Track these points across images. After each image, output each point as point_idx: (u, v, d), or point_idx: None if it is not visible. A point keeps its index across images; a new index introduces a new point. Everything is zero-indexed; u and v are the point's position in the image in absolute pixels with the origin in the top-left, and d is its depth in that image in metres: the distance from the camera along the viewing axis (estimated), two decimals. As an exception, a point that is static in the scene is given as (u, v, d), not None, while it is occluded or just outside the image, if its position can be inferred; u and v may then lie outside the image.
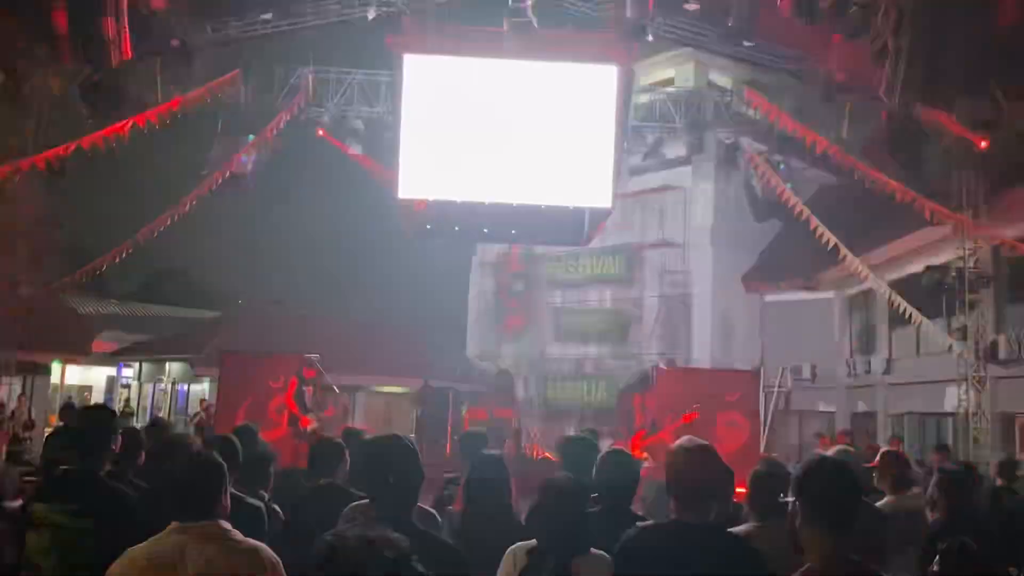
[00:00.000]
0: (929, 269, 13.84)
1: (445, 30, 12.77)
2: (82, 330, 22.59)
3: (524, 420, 13.91)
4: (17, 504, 4.25)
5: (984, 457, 12.45)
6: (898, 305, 13.87)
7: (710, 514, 3.01)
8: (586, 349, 24.09)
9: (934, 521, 4.55)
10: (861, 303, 19.04)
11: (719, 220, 21.66)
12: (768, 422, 16.53)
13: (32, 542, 3.49)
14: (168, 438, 4.81)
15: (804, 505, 2.63)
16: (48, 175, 12.36)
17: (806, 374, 19.45)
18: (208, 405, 17.37)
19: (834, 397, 19.36)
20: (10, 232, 13.69)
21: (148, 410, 26.30)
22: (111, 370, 27.99)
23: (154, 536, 2.82)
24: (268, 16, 12.78)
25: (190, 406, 24.62)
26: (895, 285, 14.61)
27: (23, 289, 14.13)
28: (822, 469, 2.72)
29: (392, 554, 2.08)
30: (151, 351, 26.36)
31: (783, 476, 3.44)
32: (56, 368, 22.56)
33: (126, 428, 4.44)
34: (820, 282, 19.14)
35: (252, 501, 3.86)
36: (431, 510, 3.95)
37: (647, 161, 14.93)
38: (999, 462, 8.00)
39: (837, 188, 16.09)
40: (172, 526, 2.83)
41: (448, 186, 13.07)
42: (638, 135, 14.81)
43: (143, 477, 4.15)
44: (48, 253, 14.71)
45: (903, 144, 12.84)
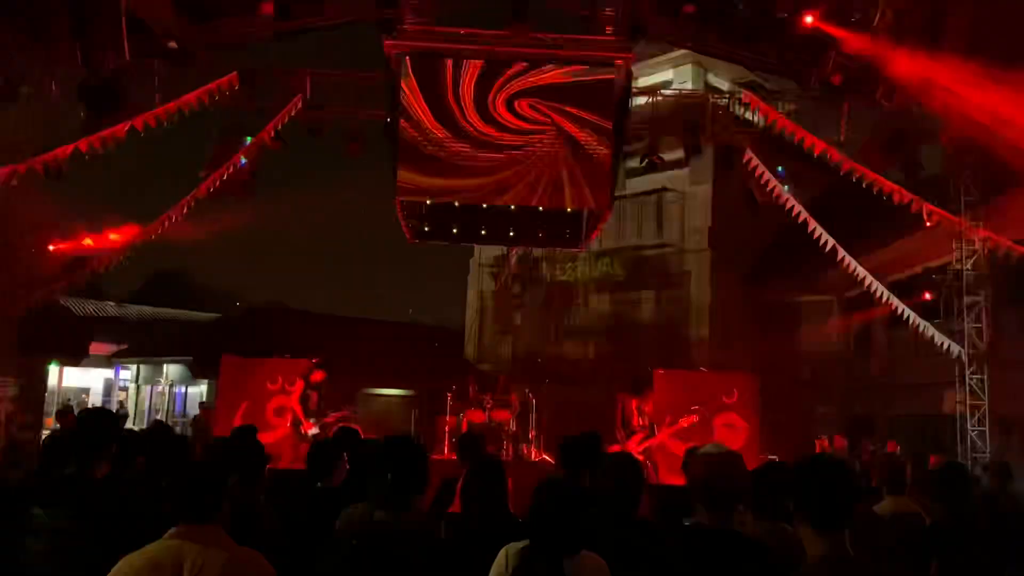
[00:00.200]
0: (927, 271, 13.86)
1: (443, 31, 12.78)
2: (79, 332, 22.55)
3: (522, 422, 13.88)
4: None
5: (981, 459, 12.46)
6: (896, 307, 13.88)
7: (734, 519, 3.06)
8: (584, 351, 24.09)
9: (931, 522, 4.57)
10: (859, 305, 19.06)
11: (717, 222, 21.69)
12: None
13: (30, 546, 3.48)
14: (167, 441, 4.81)
15: (799, 505, 2.68)
16: (46, 178, 12.36)
17: (804, 376, 19.49)
18: (206, 407, 17.38)
19: (832, 399, 19.39)
20: (7, 234, 13.67)
21: (146, 413, 26.29)
22: (109, 372, 27.96)
23: (153, 540, 2.82)
24: (266, 17, 12.76)
25: (188, 408, 24.61)
26: (893, 287, 14.63)
27: (20, 291, 14.10)
28: (817, 469, 2.76)
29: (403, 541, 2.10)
30: (149, 353, 26.35)
31: (782, 477, 3.46)
32: (53, 370, 22.54)
33: (124, 432, 4.44)
34: (818, 284, 19.18)
35: (248, 503, 3.86)
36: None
37: (645, 163, 14.94)
38: (995, 464, 8.00)
39: (835, 190, 16.11)
40: (171, 531, 2.82)
41: (446, 187, 13.06)
42: (636, 137, 14.82)
43: (141, 480, 4.15)
44: (45, 255, 14.68)
45: (901, 146, 12.89)
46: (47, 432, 15.08)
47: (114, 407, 23.93)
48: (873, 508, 4.84)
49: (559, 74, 12.74)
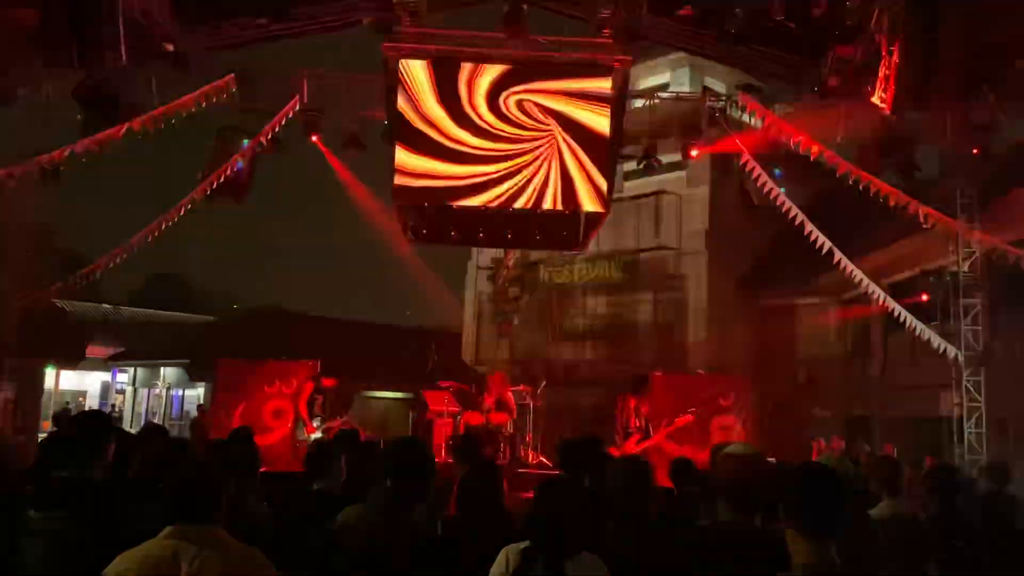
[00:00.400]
0: (924, 273, 13.88)
1: (440, 34, 12.78)
2: (76, 335, 22.52)
3: (519, 424, 13.87)
4: None
5: (978, 462, 12.48)
6: (893, 309, 13.90)
7: (757, 517, 3.09)
8: (582, 353, 24.07)
9: (925, 521, 4.58)
10: (856, 307, 19.08)
11: (714, 225, 21.70)
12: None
13: (26, 549, 3.47)
14: (166, 443, 4.80)
15: (787, 510, 2.67)
16: (43, 180, 12.35)
17: (801, 378, 19.50)
18: (204, 410, 17.37)
19: (829, 401, 19.39)
20: (4, 237, 13.65)
21: (143, 415, 26.24)
22: (105, 375, 27.93)
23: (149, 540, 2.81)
24: (263, 20, 12.76)
25: (185, 411, 24.58)
26: (890, 289, 14.65)
27: (17, 294, 14.07)
28: (805, 475, 2.76)
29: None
30: (146, 356, 26.30)
31: (781, 478, 3.47)
32: (50, 373, 22.50)
33: (120, 434, 4.43)
34: (815, 286, 19.19)
35: (242, 504, 3.86)
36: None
37: (642, 165, 14.96)
38: (992, 466, 8.01)
39: (832, 193, 16.14)
40: (166, 530, 2.82)
41: (444, 190, 13.04)
42: (633, 139, 14.83)
43: (138, 483, 4.15)
44: (42, 258, 14.67)
45: (898, 149, 12.90)
46: (43, 435, 15.06)
47: (108, 410, 23.87)
48: (870, 511, 4.84)
49: (557, 76, 12.75)
